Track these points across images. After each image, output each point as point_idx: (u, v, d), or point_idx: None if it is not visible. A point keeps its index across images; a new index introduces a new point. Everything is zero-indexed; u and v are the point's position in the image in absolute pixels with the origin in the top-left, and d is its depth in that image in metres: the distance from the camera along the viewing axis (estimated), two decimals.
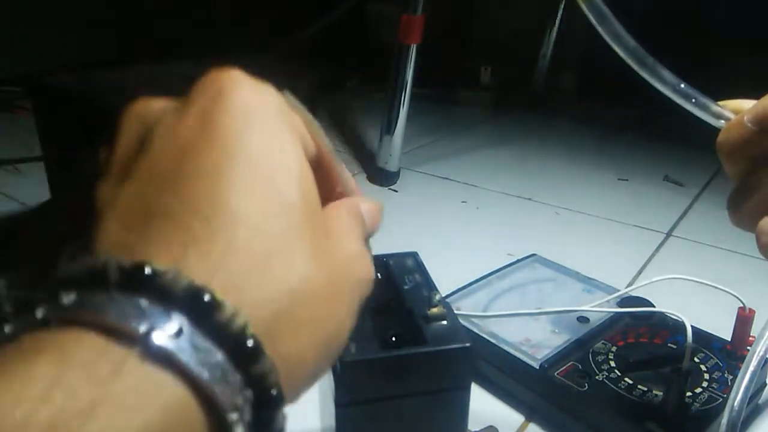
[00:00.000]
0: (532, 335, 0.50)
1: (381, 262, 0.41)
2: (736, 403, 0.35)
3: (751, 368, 0.36)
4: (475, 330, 0.50)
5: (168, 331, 0.16)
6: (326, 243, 0.20)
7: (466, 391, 0.36)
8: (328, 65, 1.44)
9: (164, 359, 0.15)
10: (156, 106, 0.20)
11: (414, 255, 0.43)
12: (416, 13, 0.87)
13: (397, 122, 0.91)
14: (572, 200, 0.90)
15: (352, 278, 0.21)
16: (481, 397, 0.49)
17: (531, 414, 0.48)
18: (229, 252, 0.17)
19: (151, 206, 0.18)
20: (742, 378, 0.36)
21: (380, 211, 0.25)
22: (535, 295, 0.56)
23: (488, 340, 0.49)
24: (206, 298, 0.16)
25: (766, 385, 0.48)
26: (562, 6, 1.31)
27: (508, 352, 0.48)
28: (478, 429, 0.45)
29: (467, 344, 0.34)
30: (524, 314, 0.51)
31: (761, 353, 0.37)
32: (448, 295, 0.54)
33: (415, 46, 0.88)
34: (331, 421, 0.35)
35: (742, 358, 0.37)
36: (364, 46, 1.48)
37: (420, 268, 0.41)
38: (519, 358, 0.47)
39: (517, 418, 0.48)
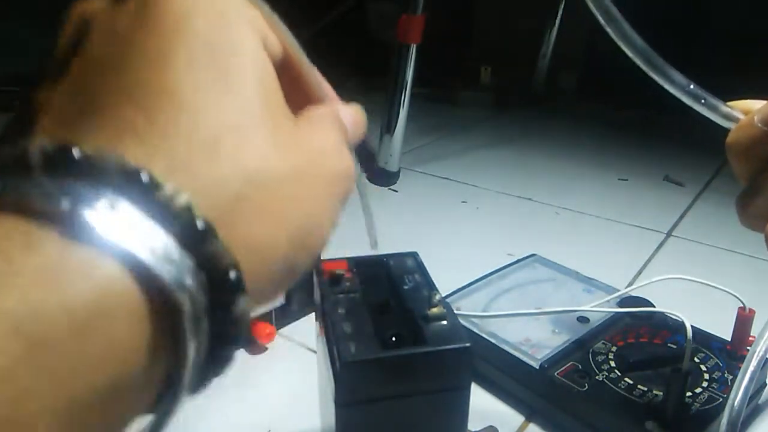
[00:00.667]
0: (532, 335, 0.50)
1: (381, 262, 0.41)
2: (736, 403, 0.35)
3: (751, 368, 0.36)
4: (475, 330, 0.50)
5: (97, 209, 0.14)
6: (293, 133, 0.19)
7: (466, 391, 0.36)
8: (328, 65, 1.44)
9: (92, 236, 0.14)
10: (95, 3, 0.19)
11: (414, 255, 0.43)
12: (416, 13, 0.87)
13: (397, 122, 0.91)
14: (572, 200, 0.90)
15: (325, 169, 0.19)
16: (481, 397, 0.49)
17: (531, 414, 0.48)
18: (169, 135, 0.16)
19: (86, 101, 0.17)
20: (742, 378, 0.36)
21: (362, 116, 0.24)
22: (535, 295, 0.56)
23: (488, 340, 0.49)
24: (143, 177, 0.15)
25: (766, 385, 0.48)
26: (562, 6, 1.31)
27: (508, 352, 0.48)
28: (478, 429, 0.45)
29: (467, 344, 0.34)
30: (524, 314, 0.51)
31: (761, 353, 0.37)
32: (448, 295, 0.54)
33: (415, 46, 0.88)
34: (331, 421, 0.35)
35: (742, 358, 0.37)
36: (364, 46, 1.48)
37: (420, 268, 0.41)
38: (519, 358, 0.47)
39: (517, 418, 0.48)
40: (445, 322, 0.36)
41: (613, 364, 0.47)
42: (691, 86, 0.31)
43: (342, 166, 0.20)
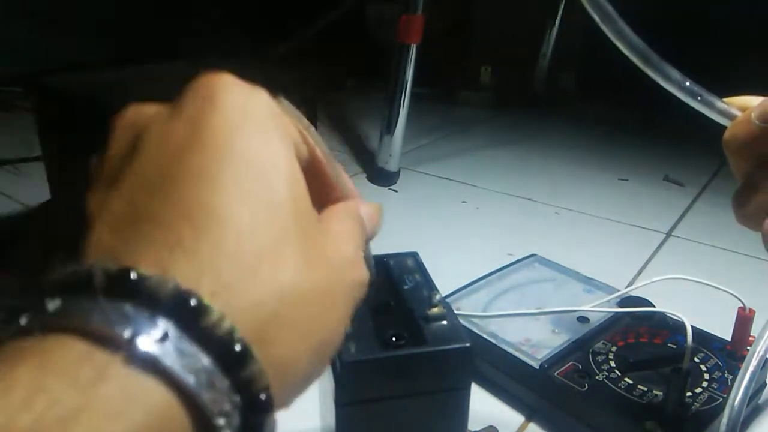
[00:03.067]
0: (532, 335, 0.50)
1: (381, 262, 0.41)
2: (736, 403, 0.35)
3: (751, 368, 0.36)
4: (475, 330, 0.50)
5: (153, 336, 0.15)
6: (319, 245, 0.20)
7: (466, 391, 0.36)
8: (328, 65, 1.44)
9: (149, 364, 0.15)
10: (147, 111, 0.20)
11: (414, 255, 0.43)
12: (416, 13, 0.87)
13: (397, 122, 0.91)
14: (572, 200, 0.90)
15: (345, 281, 0.21)
16: (481, 397, 0.49)
17: (531, 414, 0.48)
18: (216, 254, 0.17)
19: (139, 212, 0.18)
20: (742, 378, 0.36)
21: (380, 213, 0.25)
22: (535, 295, 0.56)
23: (488, 340, 0.49)
24: (192, 302, 0.16)
25: (766, 385, 0.48)
26: (562, 6, 1.31)
27: (508, 352, 0.48)
28: (478, 429, 0.45)
29: (467, 344, 0.34)
30: (524, 314, 0.51)
31: (761, 353, 0.37)
32: (448, 295, 0.54)
33: (415, 46, 0.88)
34: (331, 421, 0.35)
35: (742, 358, 0.37)
36: (364, 46, 1.48)
37: (420, 268, 0.41)
38: (519, 358, 0.47)
39: (517, 418, 0.48)
40: (445, 322, 0.36)
41: (613, 364, 0.47)
42: (687, 83, 0.31)
43: (359, 277, 0.22)
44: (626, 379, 0.45)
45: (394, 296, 0.38)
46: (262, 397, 0.17)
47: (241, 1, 1.49)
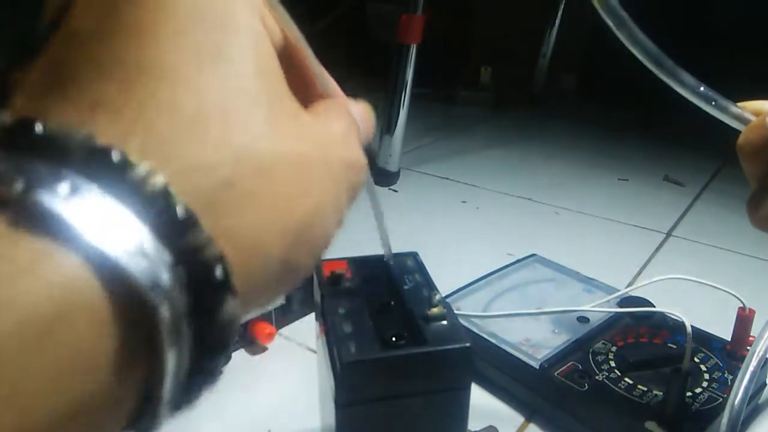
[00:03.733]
0: (532, 335, 0.50)
1: (381, 262, 0.41)
2: (736, 403, 0.35)
3: (751, 368, 0.36)
4: (475, 330, 0.50)
5: (57, 191, 0.12)
6: (295, 118, 0.17)
7: (466, 391, 0.36)
8: (328, 65, 1.44)
9: (48, 224, 0.12)
10: None
11: (414, 255, 0.43)
12: (416, 13, 0.87)
13: (397, 122, 0.91)
14: (572, 200, 0.90)
15: (334, 158, 0.17)
16: (481, 397, 0.49)
17: (531, 414, 0.48)
18: (149, 110, 0.14)
19: (62, 75, 0.15)
20: (742, 378, 0.36)
21: (371, 114, 0.22)
22: (535, 295, 0.56)
23: (488, 340, 0.49)
24: (114, 156, 0.13)
25: (766, 385, 0.48)
26: (562, 6, 1.31)
27: (508, 352, 0.48)
28: (478, 429, 0.45)
29: (467, 344, 0.34)
30: (524, 314, 0.51)
31: (761, 353, 0.37)
32: (448, 295, 0.54)
33: (415, 46, 0.88)
34: (331, 421, 0.35)
35: (742, 358, 0.37)
36: (364, 46, 1.48)
37: (420, 268, 0.41)
38: (519, 358, 0.47)
39: (517, 418, 0.48)
40: (445, 322, 0.36)
41: (613, 364, 0.47)
42: (702, 88, 0.31)
43: (351, 156, 0.18)
44: (626, 379, 0.45)
45: (394, 296, 0.38)
46: (217, 271, 0.13)
47: None
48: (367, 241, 0.36)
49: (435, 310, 0.36)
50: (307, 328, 0.56)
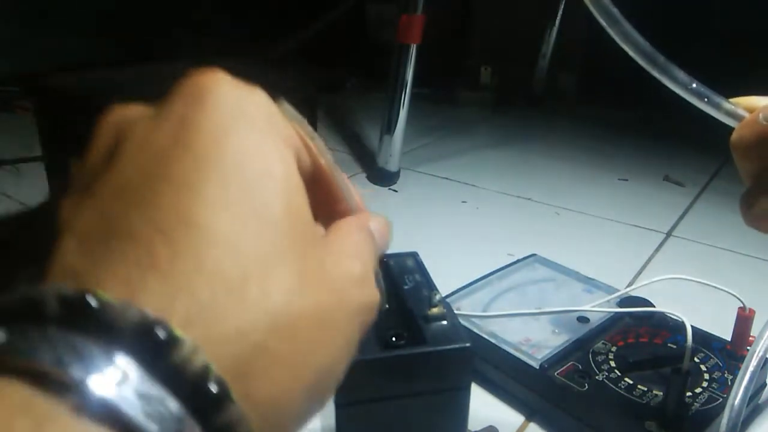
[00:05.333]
0: (532, 335, 0.50)
1: (381, 262, 0.41)
2: (736, 403, 0.35)
3: (751, 368, 0.36)
4: (475, 330, 0.50)
5: (110, 377, 0.13)
6: (319, 262, 0.18)
7: (466, 391, 0.36)
8: (328, 65, 1.44)
9: (103, 412, 0.13)
10: (132, 112, 0.18)
11: (414, 255, 0.43)
12: (416, 13, 0.87)
13: (397, 122, 0.91)
14: (572, 200, 0.90)
15: (350, 302, 0.18)
16: (481, 397, 0.49)
17: (531, 414, 0.48)
18: (194, 275, 0.15)
19: (112, 224, 0.16)
20: (742, 378, 0.36)
21: (389, 227, 0.23)
22: (535, 295, 0.56)
23: (488, 340, 0.49)
24: (160, 333, 0.14)
25: (766, 385, 0.48)
26: (562, 6, 1.31)
27: (508, 352, 0.48)
28: (478, 429, 0.45)
29: (467, 344, 0.34)
30: (524, 314, 0.51)
31: (761, 353, 0.37)
32: (448, 295, 0.54)
33: (415, 46, 0.88)
34: (331, 421, 0.35)
35: (742, 358, 0.37)
36: (364, 46, 1.48)
37: (420, 268, 0.41)
38: (519, 358, 0.47)
39: (517, 418, 0.48)
40: (445, 322, 0.36)
41: (613, 364, 0.47)
42: (694, 84, 0.31)
43: (367, 298, 0.19)
44: (626, 379, 0.45)
45: (394, 296, 0.38)
46: None
47: (241, 2, 1.49)
48: None
49: (435, 310, 0.36)
50: None
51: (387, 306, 0.37)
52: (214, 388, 0.14)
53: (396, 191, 0.92)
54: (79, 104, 0.60)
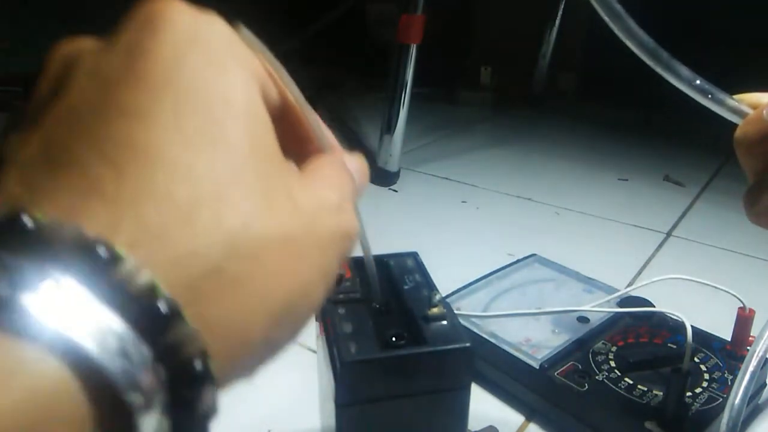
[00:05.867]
0: (532, 335, 0.50)
1: (381, 262, 0.41)
2: (736, 403, 0.35)
3: (751, 368, 0.36)
4: (475, 330, 0.50)
5: (43, 294, 0.12)
6: (286, 190, 0.17)
7: (466, 391, 0.36)
8: (328, 65, 1.44)
9: (32, 327, 0.12)
10: (82, 43, 0.17)
11: (414, 255, 0.43)
12: (416, 13, 0.87)
13: (397, 122, 0.91)
14: (572, 200, 0.90)
15: (322, 230, 0.17)
16: (481, 397, 0.49)
17: (531, 414, 0.48)
18: (141, 199, 0.14)
19: (56, 154, 0.15)
20: (742, 378, 0.36)
21: (367, 166, 0.22)
22: (535, 295, 0.56)
23: (488, 340, 0.49)
24: (101, 250, 0.13)
25: (766, 385, 0.48)
26: (562, 6, 1.31)
27: (508, 352, 0.48)
28: (478, 429, 0.45)
29: (467, 344, 0.34)
30: (524, 314, 0.51)
31: (761, 353, 0.37)
32: (448, 295, 0.54)
33: (415, 46, 0.88)
34: (331, 421, 0.35)
35: (742, 358, 0.37)
36: (364, 46, 1.48)
37: (420, 268, 0.41)
38: (519, 358, 0.47)
39: (517, 418, 0.48)
40: (445, 322, 0.36)
41: (613, 364, 0.47)
42: (698, 81, 0.31)
43: (342, 225, 0.18)
44: (626, 379, 0.45)
45: (394, 296, 0.38)
46: (197, 366, 0.14)
47: (240, 2, 1.49)
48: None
49: (435, 310, 0.36)
50: (307, 328, 0.56)
51: (382, 307, 0.37)
52: (162, 305, 0.13)
53: (396, 191, 0.92)
54: None
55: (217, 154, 0.15)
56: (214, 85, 0.16)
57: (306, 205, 0.17)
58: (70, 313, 0.12)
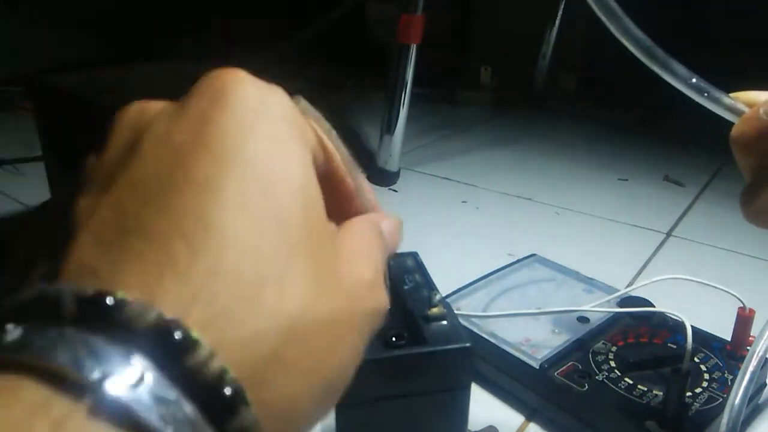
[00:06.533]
0: (532, 335, 0.50)
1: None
2: (736, 403, 0.35)
3: (751, 368, 0.36)
4: (475, 330, 0.50)
5: (126, 379, 0.13)
6: (333, 267, 0.18)
7: (466, 391, 0.36)
8: (328, 65, 1.44)
9: (119, 414, 0.13)
10: (151, 108, 0.18)
11: (414, 255, 0.43)
12: (416, 13, 0.87)
13: (397, 122, 0.91)
14: (572, 200, 0.90)
15: (360, 310, 0.18)
16: (481, 397, 0.49)
17: (531, 414, 0.48)
18: (213, 277, 0.15)
19: (130, 223, 0.15)
20: (742, 378, 0.36)
21: (400, 227, 0.23)
22: (535, 295, 0.56)
23: (488, 340, 0.49)
24: (177, 335, 0.14)
25: (766, 385, 0.48)
26: (562, 6, 1.31)
27: (508, 352, 0.48)
28: (478, 429, 0.45)
29: (467, 344, 0.34)
30: (524, 314, 0.51)
31: (761, 353, 0.37)
32: (448, 295, 0.54)
33: (415, 46, 0.88)
34: (331, 421, 0.35)
35: (742, 358, 0.37)
36: (364, 46, 1.48)
37: (420, 268, 0.41)
38: (519, 358, 0.47)
39: (517, 418, 0.48)
40: (445, 322, 0.36)
41: (613, 364, 0.47)
42: (694, 79, 0.31)
43: (377, 304, 0.19)
44: (626, 379, 0.45)
45: (394, 296, 0.38)
46: None
47: (241, 2, 1.49)
48: None
49: (435, 310, 0.36)
50: None
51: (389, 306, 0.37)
52: (229, 391, 0.14)
53: (396, 191, 0.92)
54: (79, 104, 0.60)
55: (279, 232, 0.16)
56: (277, 161, 0.17)
57: (349, 285, 0.18)
58: (149, 398, 0.13)
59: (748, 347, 0.40)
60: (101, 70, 0.70)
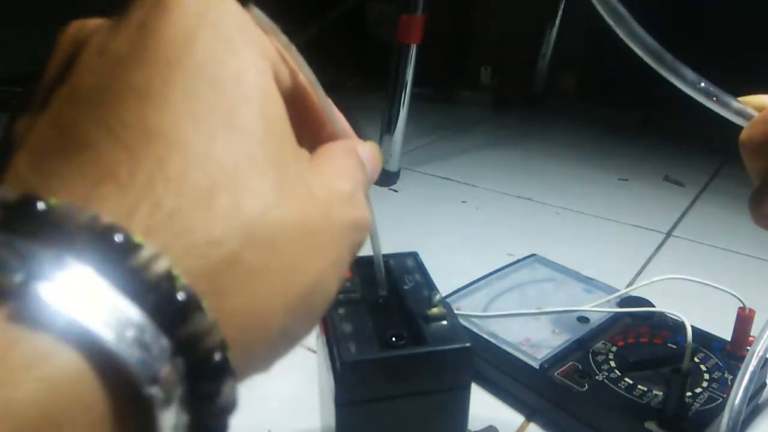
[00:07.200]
0: (532, 335, 0.50)
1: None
2: (736, 403, 0.35)
3: (751, 368, 0.36)
4: (475, 330, 0.50)
5: (56, 281, 0.12)
6: (301, 178, 0.16)
7: (466, 391, 0.36)
8: (328, 65, 1.44)
9: (47, 318, 0.11)
10: (90, 23, 0.17)
11: (414, 255, 0.43)
12: (416, 13, 0.87)
13: (397, 122, 0.91)
14: (572, 200, 0.90)
15: (337, 220, 0.17)
16: (481, 397, 0.49)
17: (531, 414, 0.48)
18: (157, 184, 0.14)
19: (67, 137, 0.15)
20: (742, 378, 0.36)
21: (379, 154, 0.22)
22: (535, 295, 0.56)
23: (488, 340, 0.49)
24: (117, 237, 0.12)
25: (766, 385, 0.48)
26: (562, 6, 1.31)
27: (508, 352, 0.48)
28: (478, 429, 0.45)
29: (467, 344, 0.34)
30: (524, 314, 0.51)
31: (761, 353, 0.37)
32: (448, 295, 0.54)
33: (415, 46, 0.88)
34: (331, 421, 0.35)
35: (742, 358, 0.37)
36: (364, 46, 1.48)
37: (420, 268, 0.41)
38: (519, 358, 0.47)
39: (517, 418, 0.48)
40: (445, 322, 0.36)
41: (613, 364, 0.47)
42: (703, 83, 0.31)
43: (356, 215, 0.18)
44: (626, 379, 0.45)
45: (394, 296, 0.38)
46: (216, 357, 0.13)
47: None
48: (367, 242, 0.36)
49: (435, 310, 0.36)
50: None
51: (385, 299, 0.37)
52: (181, 294, 0.13)
53: (396, 191, 0.92)
54: None
55: (232, 137, 0.15)
56: (226, 65, 0.16)
57: (320, 194, 0.17)
58: (86, 302, 0.12)
59: (748, 347, 0.40)
60: None
